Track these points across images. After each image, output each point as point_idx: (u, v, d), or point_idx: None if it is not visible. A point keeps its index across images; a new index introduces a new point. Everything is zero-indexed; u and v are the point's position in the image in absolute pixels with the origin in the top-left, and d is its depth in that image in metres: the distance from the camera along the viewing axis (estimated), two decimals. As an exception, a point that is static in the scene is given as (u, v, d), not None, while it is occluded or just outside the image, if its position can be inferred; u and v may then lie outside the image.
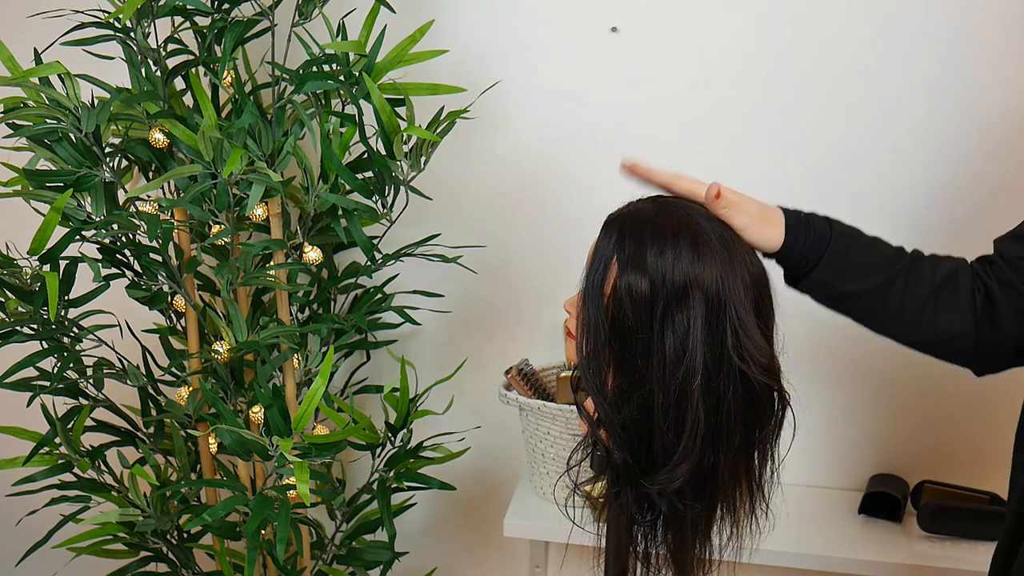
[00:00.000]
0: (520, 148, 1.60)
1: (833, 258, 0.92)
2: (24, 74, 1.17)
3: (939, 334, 0.93)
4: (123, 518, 1.36)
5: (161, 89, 1.29)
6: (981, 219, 1.46)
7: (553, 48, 1.55)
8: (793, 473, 1.62)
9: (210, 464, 1.47)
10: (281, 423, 1.25)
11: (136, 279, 1.38)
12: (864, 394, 1.58)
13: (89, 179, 1.23)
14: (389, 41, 1.32)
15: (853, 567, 1.41)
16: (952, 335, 0.93)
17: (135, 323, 1.52)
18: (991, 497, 1.49)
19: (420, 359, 1.71)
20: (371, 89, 1.26)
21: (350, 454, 1.73)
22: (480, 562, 1.84)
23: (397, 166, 1.33)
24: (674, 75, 1.52)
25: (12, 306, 1.25)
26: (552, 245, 1.63)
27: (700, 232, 0.84)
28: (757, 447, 0.89)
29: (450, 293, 1.65)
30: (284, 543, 1.21)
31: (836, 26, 1.45)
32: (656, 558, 0.94)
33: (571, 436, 1.44)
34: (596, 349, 0.86)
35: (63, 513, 1.38)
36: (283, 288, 1.36)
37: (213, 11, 1.30)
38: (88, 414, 1.36)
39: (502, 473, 1.76)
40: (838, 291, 0.93)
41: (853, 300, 0.94)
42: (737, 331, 0.82)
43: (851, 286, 0.93)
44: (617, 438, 0.87)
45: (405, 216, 1.48)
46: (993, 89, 1.43)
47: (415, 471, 1.43)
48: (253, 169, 1.22)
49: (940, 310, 0.92)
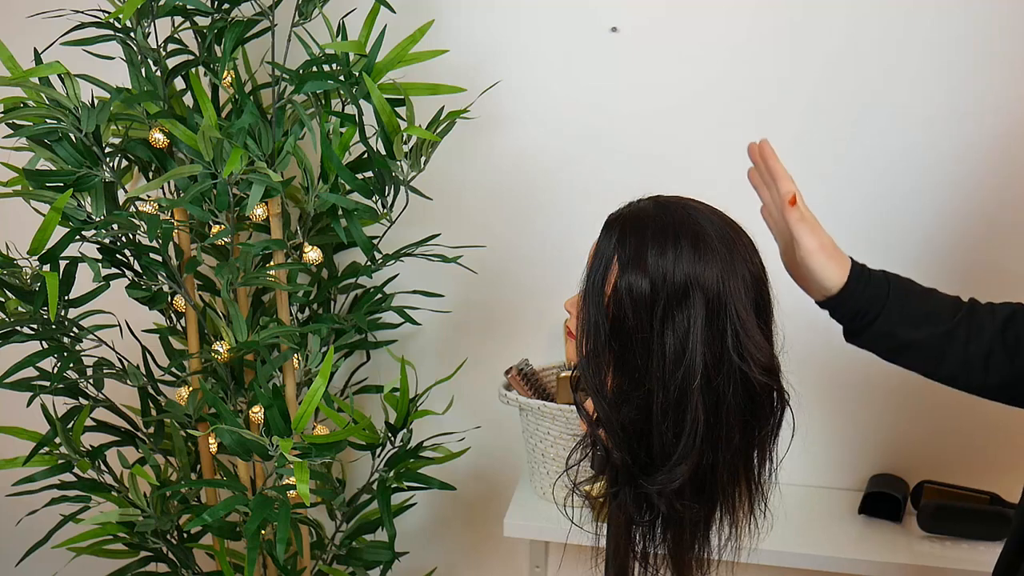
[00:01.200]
0: (520, 148, 1.60)
1: (895, 307, 0.92)
2: (24, 74, 1.17)
3: (1008, 378, 0.92)
4: (123, 518, 1.36)
5: (161, 89, 1.30)
6: (983, 221, 1.46)
7: (553, 48, 1.55)
8: (793, 473, 1.63)
9: (210, 464, 1.47)
10: (281, 423, 1.25)
11: (136, 279, 1.38)
12: (864, 394, 1.58)
13: (89, 179, 1.23)
14: (389, 41, 1.32)
15: (853, 567, 1.41)
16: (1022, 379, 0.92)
17: (135, 323, 1.52)
18: (991, 497, 1.49)
19: (420, 359, 1.71)
20: (371, 89, 1.26)
21: (350, 454, 1.73)
22: (480, 562, 1.84)
23: (397, 166, 1.33)
24: (674, 75, 1.52)
25: (12, 306, 1.25)
26: (552, 245, 1.63)
27: (701, 232, 0.84)
28: (756, 447, 0.89)
29: (450, 293, 1.65)
30: (284, 543, 1.21)
31: (841, 29, 1.45)
32: (655, 558, 0.94)
33: (571, 436, 1.44)
34: (596, 349, 0.86)
35: (63, 513, 1.38)
36: (283, 288, 1.36)
37: (213, 11, 1.30)
38: (88, 414, 1.36)
39: (502, 473, 1.76)
40: (901, 340, 0.93)
41: (917, 349, 0.93)
42: (737, 331, 0.82)
43: (914, 334, 0.92)
44: (616, 438, 0.87)
45: (405, 216, 1.48)
46: (993, 93, 1.43)
47: (415, 471, 1.43)
48: (253, 169, 1.22)
49: (1008, 355, 0.91)
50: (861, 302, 0.93)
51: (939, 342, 0.92)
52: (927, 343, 0.92)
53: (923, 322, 0.92)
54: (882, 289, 0.93)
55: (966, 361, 0.92)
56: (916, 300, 0.93)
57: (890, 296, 0.92)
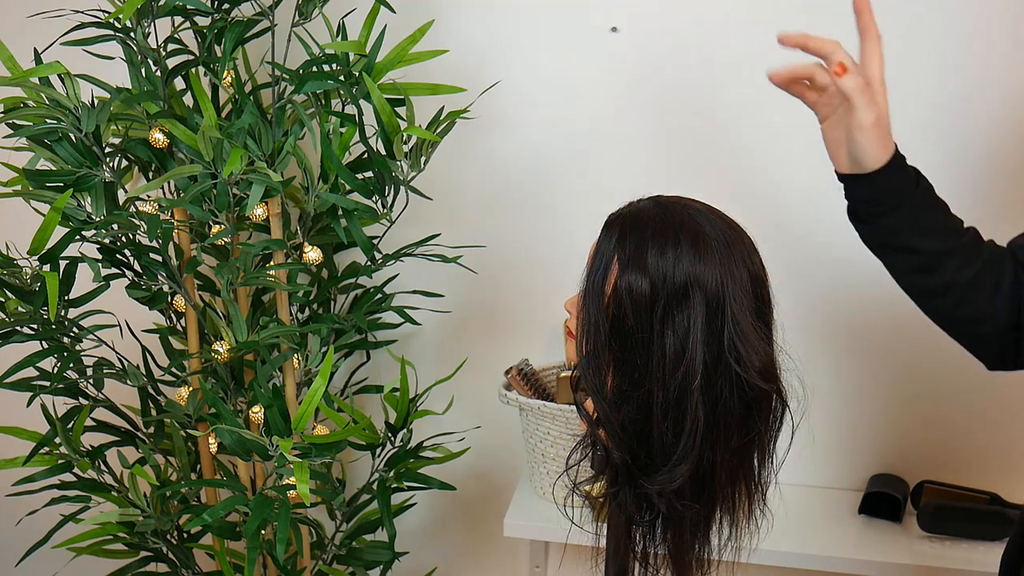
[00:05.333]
0: (520, 148, 1.60)
1: (913, 208, 0.89)
2: (24, 74, 1.17)
3: (977, 315, 0.92)
4: (123, 518, 1.36)
5: (161, 89, 1.30)
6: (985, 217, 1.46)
7: (553, 48, 1.55)
8: (793, 473, 1.63)
9: (210, 464, 1.47)
10: (281, 423, 1.25)
11: (136, 279, 1.38)
12: (864, 394, 1.58)
13: (89, 179, 1.23)
14: (389, 41, 1.32)
15: (853, 567, 1.41)
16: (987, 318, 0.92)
17: (135, 323, 1.52)
18: (991, 497, 1.49)
19: (420, 359, 1.71)
20: (371, 89, 1.26)
21: (350, 454, 1.73)
22: (480, 562, 1.84)
23: (397, 166, 1.33)
24: (674, 75, 1.52)
25: (12, 306, 1.25)
26: (552, 245, 1.63)
27: (700, 232, 0.84)
28: (756, 447, 0.89)
29: (450, 293, 1.65)
30: (284, 543, 1.21)
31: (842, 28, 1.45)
32: (655, 558, 0.94)
33: (571, 436, 1.44)
34: (596, 349, 0.86)
35: (63, 513, 1.38)
36: (283, 288, 1.36)
37: (213, 11, 1.30)
38: (88, 414, 1.36)
39: (502, 473, 1.76)
40: (904, 242, 0.91)
41: (913, 256, 0.91)
42: (733, 336, 0.82)
43: (918, 242, 0.90)
44: (616, 438, 0.87)
45: (405, 216, 1.48)
46: (993, 96, 1.43)
47: (415, 471, 1.43)
48: (253, 169, 1.22)
49: (985, 291, 0.91)
50: (884, 191, 0.89)
51: (935, 258, 0.91)
52: (924, 253, 0.91)
53: (932, 233, 0.90)
54: (909, 186, 0.90)
55: (947, 285, 0.91)
56: (935, 210, 0.91)
57: (915, 197, 0.90)
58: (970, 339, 0.95)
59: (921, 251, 0.91)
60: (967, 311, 0.92)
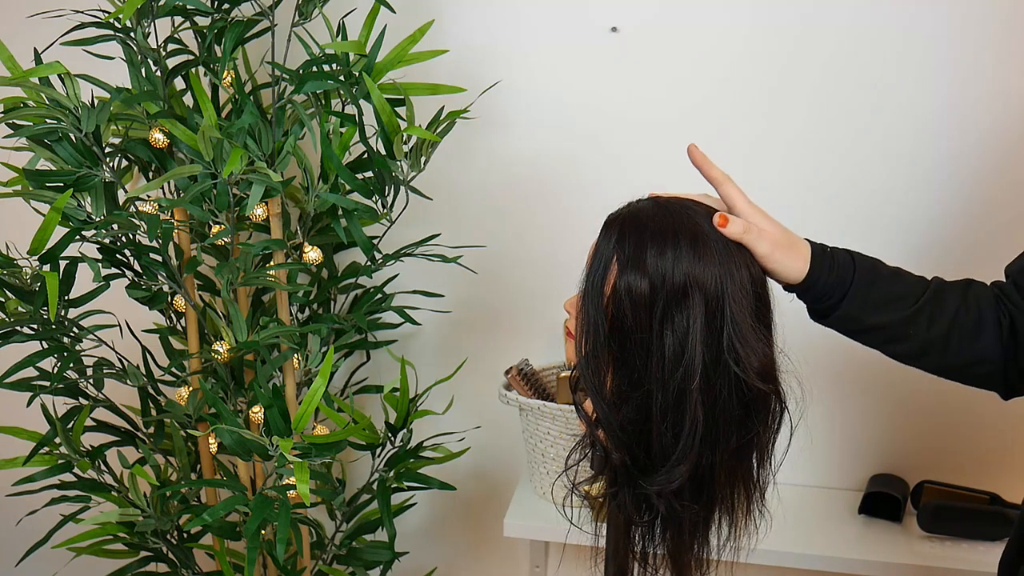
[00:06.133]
0: (520, 148, 1.60)
1: (859, 292, 0.91)
2: (24, 74, 1.17)
3: (967, 360, 0.92)
4: (123, 518, 1.36)
5: (161, 89, 1.30)
6: (986, 224, 1.46)
7: (553, 48, 1.55)
8: (793, 473, 1.63)
9: (210, 464, 1.48)
10: (281, 423, 1.25)
11: (136, 279, 1.38)
12: (864, 394, 1.58)
13: (89, 179, 1.23)
14: (389, 41, 1.32)
15: (853, 567, 1.41)
16: (979, 361, 0.92)
17: (135, 323, 1.52)
18: (991, 497, 1.49)
19: (420, 359, 1.71)
20: (371, 89, 1.26)
21: (350, 454, 1.73)
22: (480, 562, 1.84)
23: (397, 166, 1.33)
24: (674, 75, 1.52)
25: (12, 306, 1.25)
26: (552, 245, 1.63)
27: (700, 232, 0.84)
28: (755, 447, 0.89)
29: (450, 293, 1.66)
30: (284, 543, 1.21)
31: (843, 27, 1.45)
32: (654, 558, 0.94)
33: (571, 436, 1.44)
34: (595, 349, 0.86)
35: (63, 513, 1.38)
36: (283, 288, 1.36)
37: (213, 11, 1.30)
38: (88, 414, 1.36)
39: (502, 473, 1.76)
40: (865, 324, 0.92)
41: (880, 332, 0.93)
42: (732, 337, 0.82)
43: (878, 318, 0.92)
44: (615, 438, 0.87)
45: (405, 216, 1.48)
46: (993, 100, 1.43)
47: (415, 471, 1.43)
48: (253, 169, 1.22)
49: (966, 337, 0.92)
50: (825, 287, 0.91)
51: (904, 324, 0.92)
52: (892, 325, 0.92)
53: (888, 306, 0.92)
54: (847, 272, 0.92)
55: (927, 342, 0.92)
56: (882, 283, 0.92)
57: (855, 280, 0.91)
58: (974, 380, 0.96)
59: (885, 325, 0.92)
60: (956, 360, 0.93)
